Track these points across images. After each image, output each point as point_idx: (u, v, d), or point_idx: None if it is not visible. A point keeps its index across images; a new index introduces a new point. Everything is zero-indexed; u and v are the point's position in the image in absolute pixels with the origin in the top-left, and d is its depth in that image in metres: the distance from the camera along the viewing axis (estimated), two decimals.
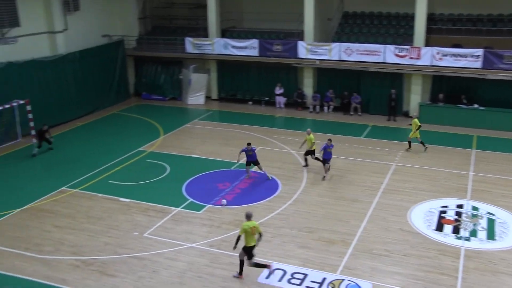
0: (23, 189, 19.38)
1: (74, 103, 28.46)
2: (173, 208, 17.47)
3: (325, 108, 29.06)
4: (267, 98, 30.74)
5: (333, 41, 28.90)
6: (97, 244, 15.29)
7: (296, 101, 29.68)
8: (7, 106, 23.71)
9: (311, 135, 20.27)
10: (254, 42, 29.43)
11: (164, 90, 32.58)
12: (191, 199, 18.17)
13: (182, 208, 17.48)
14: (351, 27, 30.03)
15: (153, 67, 32.92)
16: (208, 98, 31.92)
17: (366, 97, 28.62)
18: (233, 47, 29.86)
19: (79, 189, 19.23)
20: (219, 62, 31.28)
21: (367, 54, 27.31)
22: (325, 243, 15.11)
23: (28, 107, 24.35)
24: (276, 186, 19.12)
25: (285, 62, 29.17)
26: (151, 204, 17.83)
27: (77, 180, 20.01)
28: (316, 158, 20.53)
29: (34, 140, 22.66)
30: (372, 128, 26.26)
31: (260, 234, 13.11)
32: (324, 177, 19.75)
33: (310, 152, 20.52)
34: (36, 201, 18.28)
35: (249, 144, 19.87)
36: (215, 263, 14.15)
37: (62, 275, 13.72)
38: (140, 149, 23.40)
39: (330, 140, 19.87)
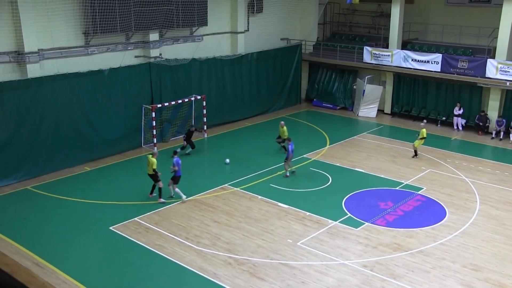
0: (190, 181, 20.93)
1: (245, 103, 29.98)
2: (330, 220, 17.55)
3: (511, 135, 26.91)
4: (444, 118, 29.40)
5: None
6: (251, 245, 15.96)
7: (477, 125, 27.94)
8: (186, 100, 25.83)
9: (285, 128, 23.73)
10: (437, 57, 28.34)
11: (336, 98, 32.81)
12: (349, 214, 18.10)
13: (339, 222, 17.49)
14: None
15: (327, 74, 33.32)
16: (380, 111, 31.47)
17: None
18: (414, 60, 29.07)
19: (240, 188, 20.22)
20: (396, 75, 30.64)
21: None
22: (492, 286, 14.04)
23: (204, 103, 26.28)
24: (442, 214, 18.23)
25: (470, 81, 27.60)
26: (308, 213, 18.11)
27: (239, 179, 21.07)
28: (279, 142, 24.16)
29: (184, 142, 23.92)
30: None
31: (154, 170, 18.70)
32: (287, 175, 21.46)
33: (281, 139, 23.94)
34: (200, 194, 19.64)
35: (175, 152, 19.40)
36: (366, 285, 13.95)
37: (215, 270, 14.58)
38: (304, 156, 23.88)
39: (289, 139, 21.89)
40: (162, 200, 18.91)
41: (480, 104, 28.36)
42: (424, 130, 23.71)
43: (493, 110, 27.84)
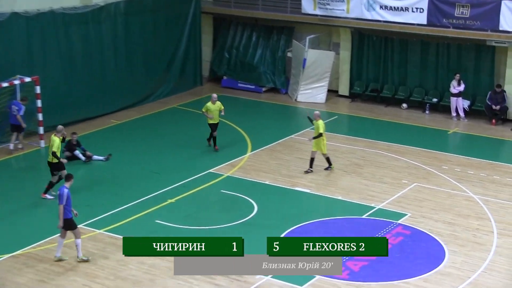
0: (16, 224, 20.20)
1: (109, 87, 29.73)
2: (258, 276, 17.38)
3: None
4: (435, 100, 30.13)
5: None
6: None
7: (488, 108, 28.73)
8: (5, 84, 24.89)
9: (218, 103, 26.10)
10: (422, 1, 28.92)
11: (260, 74, 33.05)
12: None
13: (273, 277, 17.36)
14: None
15: (244, 35, 33.61)
16: (332, 92, 31.89)
17: None
18: (383, 7, 29.57)
19: (105, 230, 19.76)
20: (357, 32, 31.16)
21: None
22: None
23: (37, 89, 25.48)
24: (440, 255, 18.49)
25: (475, 38, 28.39)
26: None
27: (103, 215, 20.66)
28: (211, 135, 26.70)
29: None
30: None
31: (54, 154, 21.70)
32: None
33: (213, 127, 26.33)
34: (37, 243, 18.91)
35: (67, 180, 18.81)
36: None
37: None
38: (211, 170, 23.84)
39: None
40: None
41: (493, 75, 29.25)
42: (320, 122, 23.54)
43: None
